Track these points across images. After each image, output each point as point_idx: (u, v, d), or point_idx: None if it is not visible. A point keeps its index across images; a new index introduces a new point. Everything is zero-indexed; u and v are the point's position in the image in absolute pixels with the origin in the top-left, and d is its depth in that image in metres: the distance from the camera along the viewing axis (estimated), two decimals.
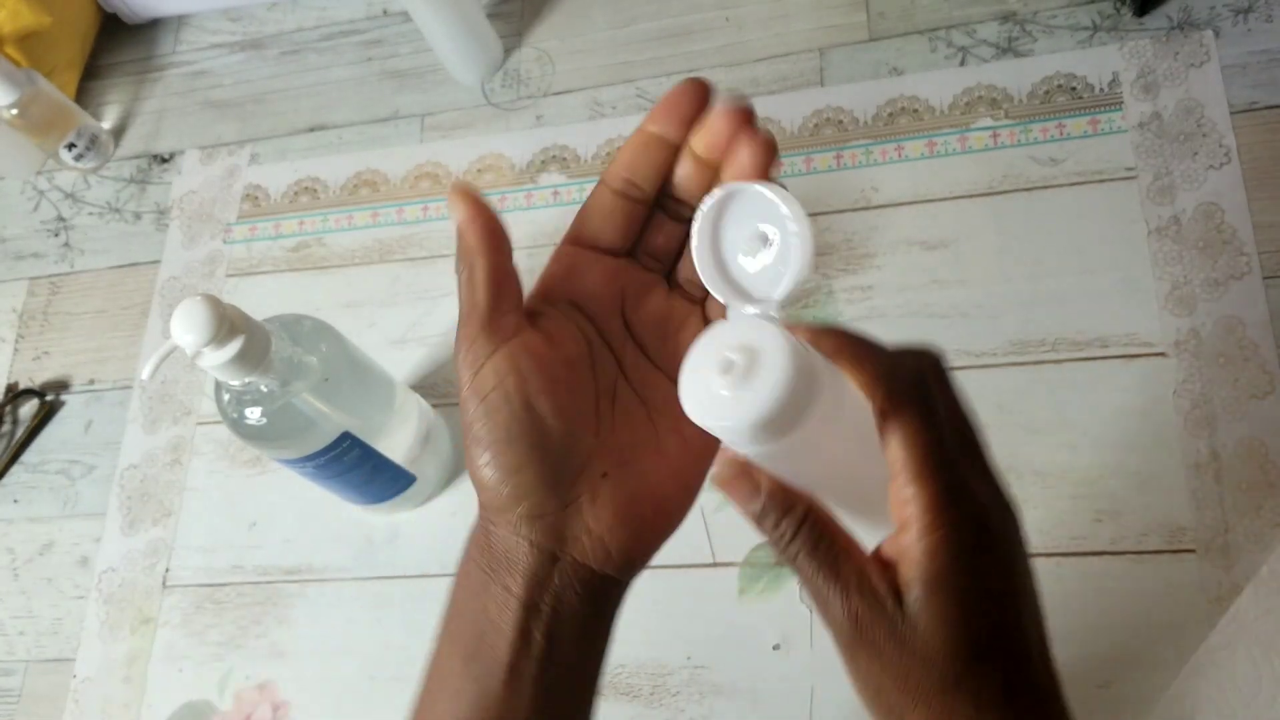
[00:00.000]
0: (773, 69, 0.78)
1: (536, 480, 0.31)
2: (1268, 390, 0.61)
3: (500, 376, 0.31)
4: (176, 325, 0.52)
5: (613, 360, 0.33)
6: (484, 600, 0.32)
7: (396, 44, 0.88)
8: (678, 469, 0.33)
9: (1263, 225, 0.64)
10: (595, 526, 0.31)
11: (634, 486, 0.32)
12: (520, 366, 0.31)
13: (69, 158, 0.88)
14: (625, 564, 0.32)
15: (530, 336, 0.31)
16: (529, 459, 0.31)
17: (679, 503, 0.33)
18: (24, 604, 0.76)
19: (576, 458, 0.31)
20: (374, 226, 0.81)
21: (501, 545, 0.32)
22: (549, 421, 0.31)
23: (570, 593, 0.31)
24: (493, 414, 0.31)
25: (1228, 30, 0.70)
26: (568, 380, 0.31)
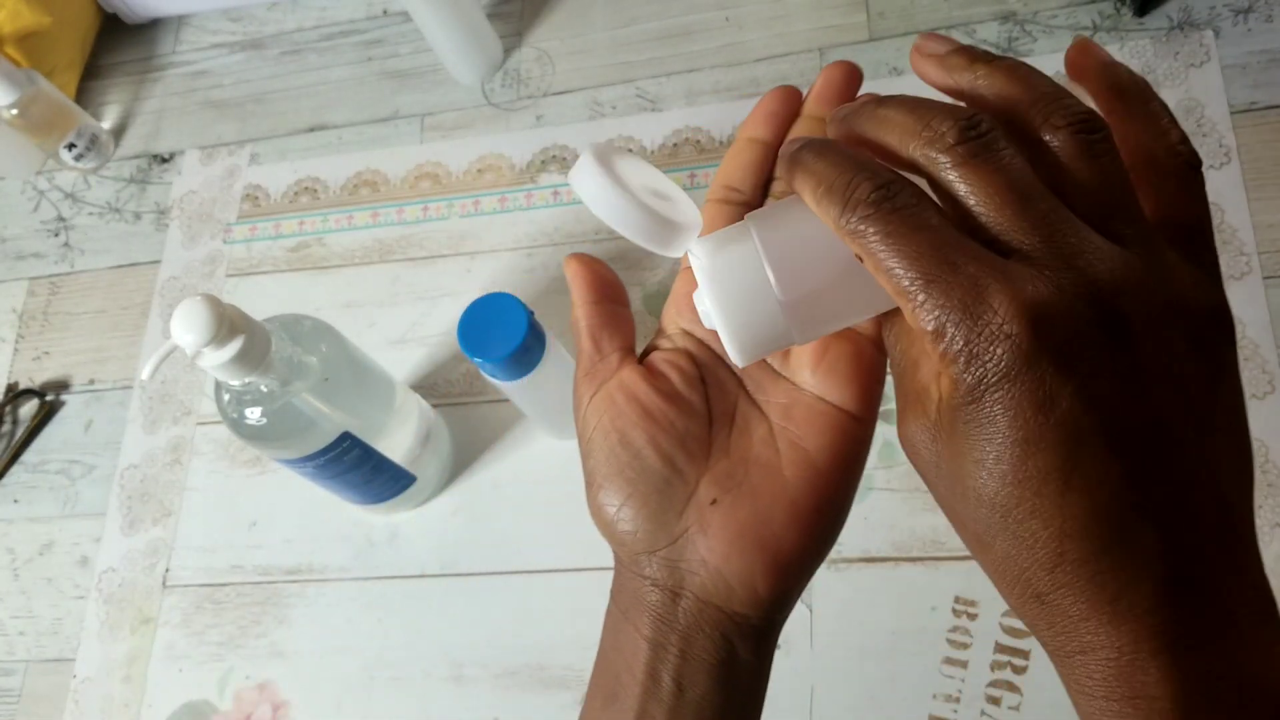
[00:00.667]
0: (773, 69, 0.78)
1: (640, 513, 0.31)
2: (1267, 390, 0.61)
3: (598, 417, 0.32)
4: (176, 325, 0.52)
5: (734, 380, 0.33)
6: (619, 641, 0.31)
7: (396, 44, 0.88)
8: (801, 488, 0.31)
9: (1262, 225, 0.64)
10: (710, 558, 0.30)
11: (748, 511, 0.30)
12: (615, 404, 0.31)
13: (69, 158, 0.88)
14: (754, 599, 0.30)
15: (628, 374, 0.32)
16: (630, 494, 0.31)
17: (809, 527, 0.31)
18: (24, 604, 0.76)
19: (680, 488, 0.31)
20: (374, 226, 0.81)
21: (630, 585, 0.31)
22: (645, 454, 0.31)
23: (699, 634, 0.30)
24: (593, 453, 0.31)
25: (1228, 30, 0.70)
26: (667, 411, 0.31)
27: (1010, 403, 0.22)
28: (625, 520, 0.31)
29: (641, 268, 0.74)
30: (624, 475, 0.31)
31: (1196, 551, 0.23)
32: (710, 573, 0.30)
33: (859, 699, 0.60)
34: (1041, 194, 0.24)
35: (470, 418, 0.73)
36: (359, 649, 0.68)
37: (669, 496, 0.31)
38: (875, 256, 0.24)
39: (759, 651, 0.31)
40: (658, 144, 0.78)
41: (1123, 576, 0.23)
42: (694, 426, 0.31)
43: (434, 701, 0.66)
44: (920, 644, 0.60)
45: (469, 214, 0.79)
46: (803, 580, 0.31)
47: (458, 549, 0.69)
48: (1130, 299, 0.23)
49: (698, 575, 0.30)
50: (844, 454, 0.31)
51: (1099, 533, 0.23)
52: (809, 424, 0.31)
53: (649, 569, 0.31)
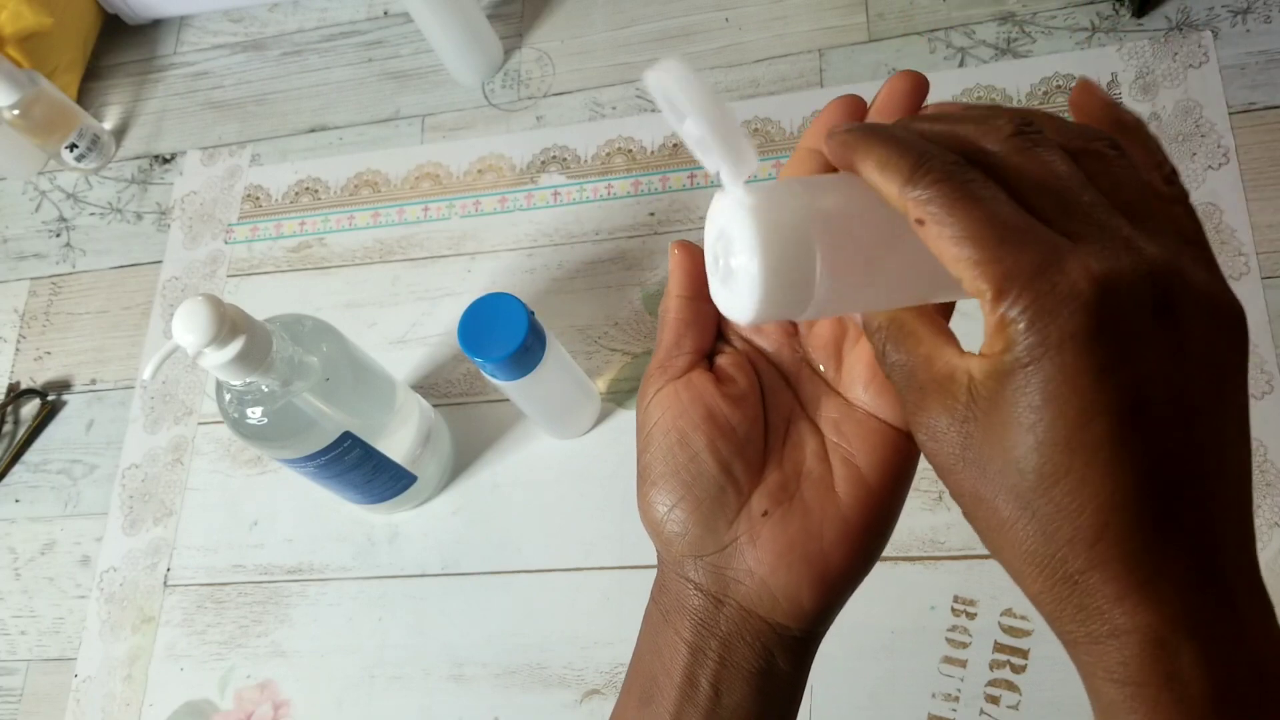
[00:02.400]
0: (772, 70, 0.78)
1: (691, 517, 0.30)
2: (1266, 390, 0.61)
3: (661, 412, 0.31)
4: (178, 325, 0.52)
5: (789, 393, 0.32)
6: (658, 643, 0.31)
7: (397, 45, 0.88)
8: (852, 505, 0.31)
9: (1261, 226, 0.64)
10: (757, 569, 0.30)
11: (798, 525, 0.30)
12: (680, 402, 0.31)
13: (70, 158, 0.89)
14: (797, 612, 0.30)
15: (697, 375, 0.31)
16: (683, 495, 0.30)
17: (857, 543, 0.31)
18: (25, 603, 0.76)
19: (734, 495, 0.30)
20: (375, 227, 0.81)
21: (673, 587, 0.31)
22: (702, 457, 0.30)
23: (739, 642, 0.30)
24: (651, 448, 0.31)
25: (1226, 31, 0.70)
26: (730, 417, 0.31)
27: (1071, 366, 0.22)
28: (675, 522, 0.31)
29: (642, 268, 0.74)
30: (679, 476, 0.30)
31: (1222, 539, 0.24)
32: (756, 583, 0.30)
33: (858, 698, 0.60)
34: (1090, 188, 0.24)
35: (470, 418, 0.73)
36: (360, 648, 0.68)
37: (722, 503, 0.30)
38: (940, 221, 0.23)
39: (797, 663, 0.31)
40: (658, 144, 0.78)
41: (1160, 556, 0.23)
42: (753, 435, 0.31)
43: (434, 701, 0.66)
44: (919, 643, 0.60)
45: (469, 214, 0.79)
46: (846, 595, 0.31)
47: (458, 549, 0.70)
48: (1180, 286, 0.24)
49: (743, 584, 0.30)
50: (895, 471, 0.31)
51: (1145, 508, 0.23)
52: (861, 440, 0.31)
53: (694, 573, 0.31)
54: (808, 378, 0.32)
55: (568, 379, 0.65)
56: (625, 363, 0.72)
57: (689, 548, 0.31)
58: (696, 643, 0.30)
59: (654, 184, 0.76)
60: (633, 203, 0.76)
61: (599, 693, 0.63)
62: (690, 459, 0.30)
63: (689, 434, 0.30)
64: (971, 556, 0.61)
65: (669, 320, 0.32)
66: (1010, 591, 0.59)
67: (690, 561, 0.31)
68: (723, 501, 0.30)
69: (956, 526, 0.62)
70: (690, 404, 0.31)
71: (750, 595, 0.30)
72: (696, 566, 0.31)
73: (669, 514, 0.30)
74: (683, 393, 0.31)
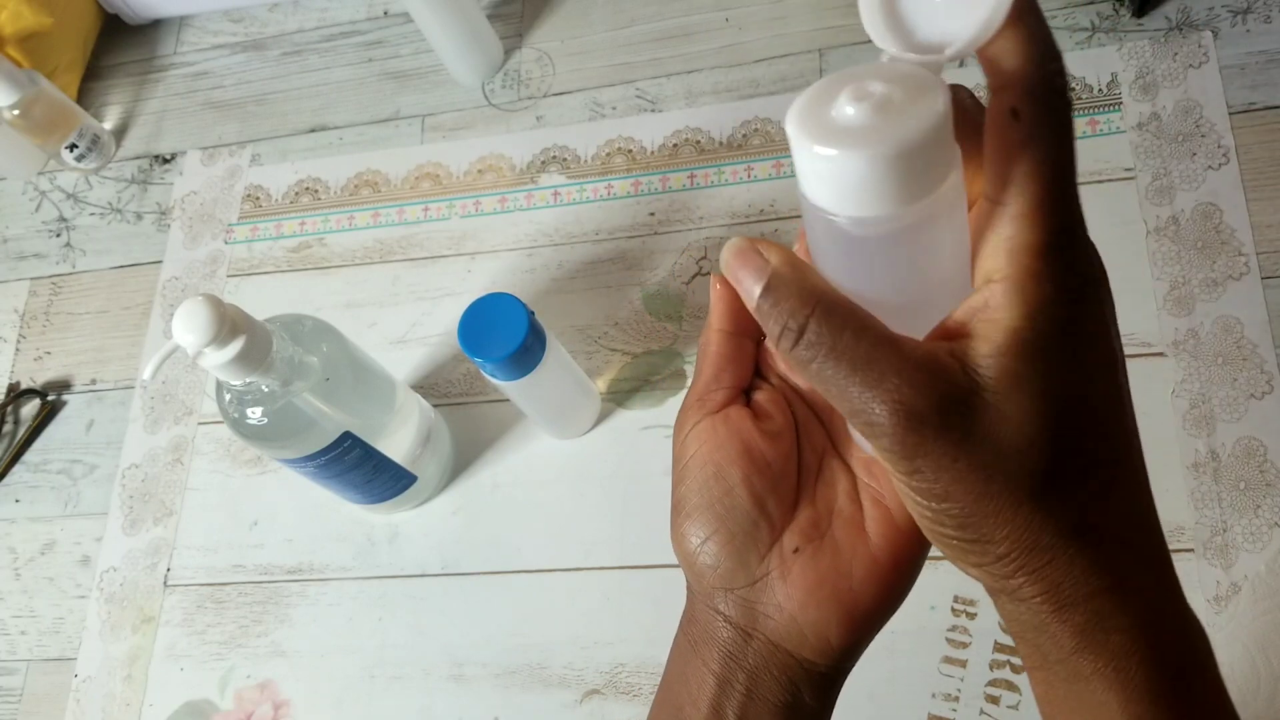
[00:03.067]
0: (772, 69, 0.78)
1: (723, 550, 0.31)
2: (1266, 390, 0.61)
3: (698, 445, 0.31)
4: (178, 325, 0.52)
5: (822, 433, 0.33)
6: (685, 671, 0.32)
7: (397, 45, 0.88)
8: (881, 545, 0.31)
9: (1261, 225, 0.64)
10: (786, 604, 0.30)
11: (828, 563, 0.31)
12: (717, 436, 0.31)
13: (70, 158, 0.89)
14: (825, 648, 0.31)
15: (735, 411, 0.32)
16: (717, 529, 0.31)
17: (885, 583, 0.31)
18: (25, 603, 0.76)
19: (767, 530, 0.31)
20: (375, 227, 0.81)
21: (702, 617, 0.32)
22: (737, 491, 0.31)
23: (767, 676, 0.31)
24: (687, 480, 0.31)
25: (1226, 31, 0.70)
26: (766, 453, 0.31)
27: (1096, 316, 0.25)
28: (708, 554, 0.31)
29: (642, 268, 0.74)
30: (714, 509, 0.31)
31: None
32: (785, 618, 0.30)
33: (858, 698, 0.60)
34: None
35: (470, 418, 0.73)
36: (360, 648, 0.68)
37: (755, 538, 0.31)
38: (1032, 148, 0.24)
39: (823, 699, 0.32)
40: (657, 145, 0.78)
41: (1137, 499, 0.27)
42: (788, 472, 0.31)
43: (434, 701, 0.66)
44: (919, 643, 0.60)
45: (469, 214, 0.79)
46: (873, 633, 0.32)
47: (458, 549, 0.70)
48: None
49: (772, 619, 0.30)
50: None
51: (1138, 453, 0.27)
52: (890, 481, 0.31)
53: (724, 606, 0.31)
54: (841, 417, 0.33)
55: (568, 379, 0.65)
56: (625, 363, 0.72)
57: (720, 580, 0.31)
58: (724, 674, 0.31)
59: (654, 184, 0.76)
60: (633, 203, 0.76)
61: (599, 693, 0.63)
62: (725, 493, 0.31)
63: (725, 468, 0.31)
64: None
65: (709, 354, 0.32)
66: None
67: (721, 594, 0.31)
68: (755, 536, 0.31)
69: None
70: (728, 438, 0.31)
71: (779, 630, 0.30)
72: (727, 599, 0.31)
73: (702, 546, 0.31)
74: (720, 427, 0.31)
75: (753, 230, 0.73)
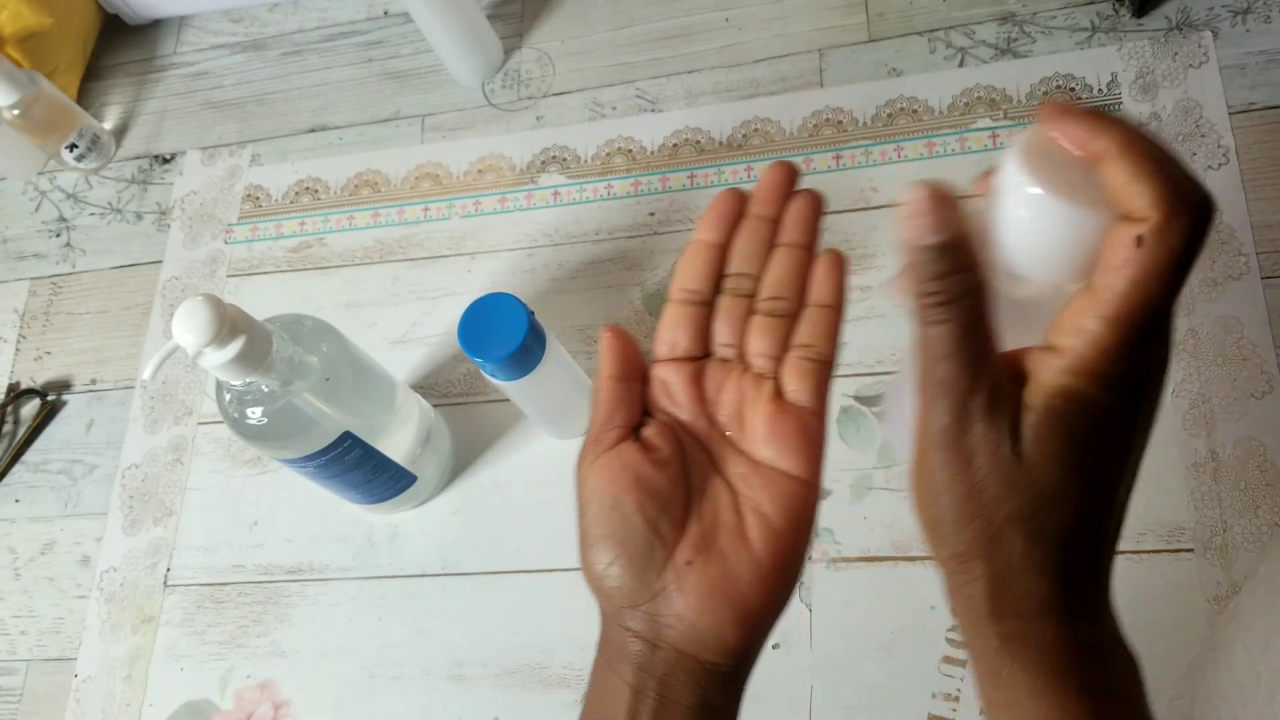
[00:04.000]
0: (772, 70, 0.78)
1: (626, 572, 0.34)
2: (1266, 390, 0.61)
3: (595, 481, 0.35)
4: (178, 325, 0.52)
5: (705, 456, 0.37)
6: (604, 688, 0.35)
7: (397, 45, 0.88)
8: (762, 550, 0.35)
9: (1261, 225, 0.64)
10: (686, 613, 0.34)
11: (717, 571, 0.34)
12: (610, 471, 0.35)
13: (70, 158, 0.89)
14: (723, 649, 0.34)
15: (626, 446, 0.36)
16: (618, 553, 0.34)
17: (770, 583, 0.34)
18: (25, 603, 0.76)
19: (662, 550, 0.34)
20: (375, 227, 0.81)
21: (614, 636, 0.35)
22: (633, 518, 0.34)
23: (675, 681, 0.33)
24: (588, 513, 0.35)
25: (1226, 31, 0.70)
26: (655, 480, 0.35)
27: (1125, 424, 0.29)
28: (612, 577, 0.34)
29: (642, 268, 0.74)
30: (614, 536, 0.34)
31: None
32: (685, 626, 0.34)
33: (858, 698, 0.60)
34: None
35: (470, 418, 0.73)
36: (359, 648, 0.68)
37: (651, 558, 0.34)
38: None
39: (729, 695, 0.35)
40: (657, 145, 0.78)
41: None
42: (677, 495, 0.35)
43: (434, 701, 0.66)
44: (920, 643, 0.60)
45: (469, 214, 0.79)
46: (766, 631, 0.35)
47: (458, 549, 0.70)
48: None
49: (674, 628, 0.34)
50: (797, 515, 0.35)
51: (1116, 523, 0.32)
52: (766, 491, 0.35)
53: (631, 622, 0.34)
54: (719, 440, 0.37)
55: (568, 379, 0.65)
56: None
57: (626, 599, 0.34)
58: (637, 685, 0.34)
59: (654, 184, 0.76)
60: (633, 203, 0.76)
61: None
62: (623, 520, 0.34)
63: (620, 498, 0.34)
64: None
65: (601, 399, 0.37)
66: None
67: (628, 612, 0.34)
68: (652, 556, 0.34)
69: None
70: (621, 472, 0.35)
71: (681, 638, 0.34)
72: (633, 616, 0.34)
73: (606, 570, 0.34)
74: (614, 462, 0.35)
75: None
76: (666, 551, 0.34)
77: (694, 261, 0.38)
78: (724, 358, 0.38)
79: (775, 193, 0.38)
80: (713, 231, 0.38)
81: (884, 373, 0.66)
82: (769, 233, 0.38)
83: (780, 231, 0.38)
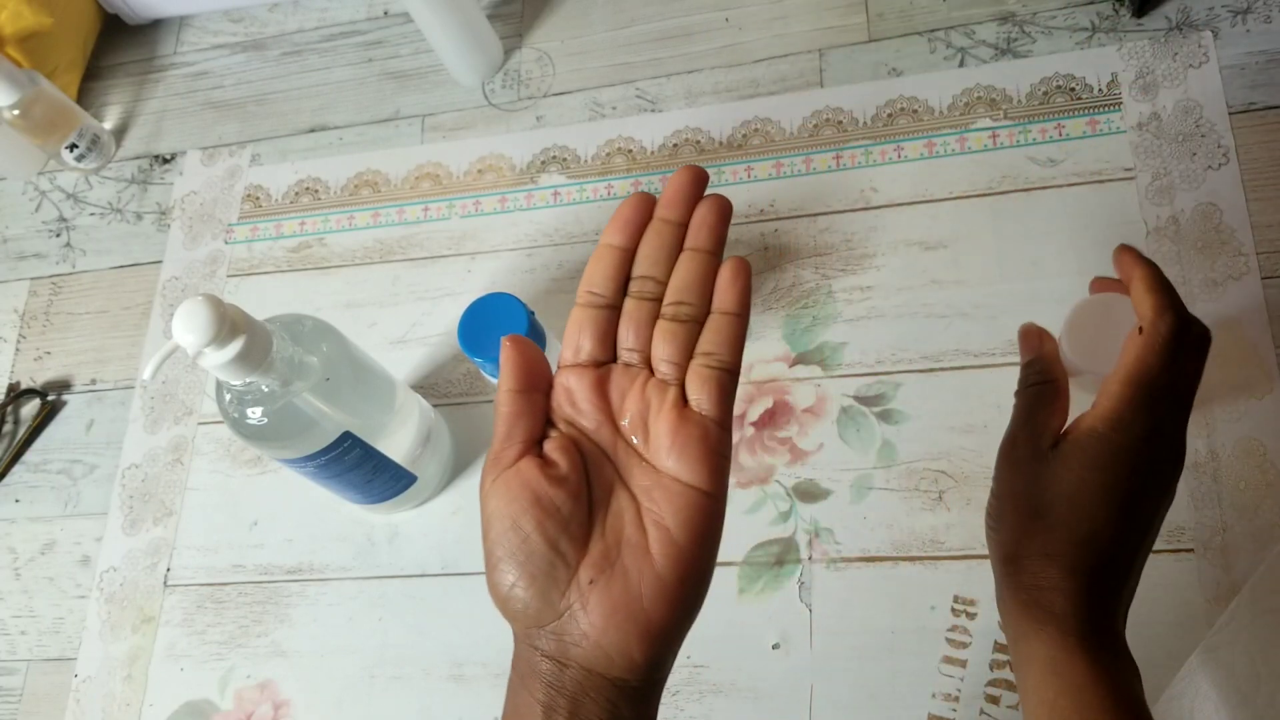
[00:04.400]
0: (772, 70, 0.78)
1: (529, 592, 0.34)
2: (1266, 390, 0.61)
3: (495, 501, 0.35)
4: (178, 325, 0.52)
5: (609, 466, 0.36)
6: (517, 704, 0.35)
7: (397, 45, 0.88)
8: (666, 564, 0.34)
9: (1261, 225, 0.64)
10: (590, 632, 0.33)
11: (620, 589, 0.34)
12: (510, 490, 0.34)
13: (70, 158, 0.89)
14: (630, 666, 0.34)
15: (525, 463, 0.35)
16: (521, 574, 0.34)
17: (673, 599, 0.34)
18: (25, 603, 0.76)
19: (564, 569, 0.34)
20: (375, 227, 0.81)
21: (524, 655, 0.35)
22: (533, 539, 0.34)
23: (586, 699, 0.33)
24: (490, 534, 0.35)
25: (1226, 31, 0.70)
26: (554, 499, 0.34)
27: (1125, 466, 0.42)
28: (517, 599, 0.34)
29: None
30: (515, 557, 0.34)
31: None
32: (591, 645, 0.33)
33: (858, 698, 0.60)
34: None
35: (470, 418, 0.73)
36: (360, 648, 0.68)
37: (554, 577, 0.34)
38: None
39: (640, 710, 0.35)
40: (657, 145, 0.78)
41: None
42: (577, 513, 0.35)
43: (434, 701, 0.66)
44: (919, 643, 0.60)
45: (469, 214, 0.79)
46: (674, 645, 0.35)
47: (458, 549, 0.70)
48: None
49: (579, 647, 0.33)
50: (700, 529, 0.35)
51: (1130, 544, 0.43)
52: (668, 503, 0.35)
53: (540, 641, 0.34)
54: (623, 450, 0.36)
55: None
56: None
57: (532, 619, 0.34)
58: (548, 703, 0.33)
59: (654, 184, 0.76)
60: None
61: None
62: (523, 541, 0.34)
63: (519, 519, 0.34)
64: (971, 556, 0.61)
65: (501, 414, 0.36)
66: None
67: (535, 632, 0.34)
68: (554, 576, 0.34)
69: (956, 527, 0.62)
70: (520, 491, 0.34)
71: (587, 656, 0.33)
72: (541, 636, 0.34)
73: (510, 591, 0.34)
74: (513, 481, 0.35)
75: (752, 229, 0.73)
76: (569, 571, 0.34)
77: (600, 264, 0.37)
78: (628, 363, 0.37)
79: (682, 197, 0.37)
80: (620, 236, 0.37)
81: (884, 373, 0.67)
82: (676, 237, 0.37)
83: (687, 236, 0.37)
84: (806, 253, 0.71)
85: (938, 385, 0.65)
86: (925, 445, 0.64)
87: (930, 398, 0.65)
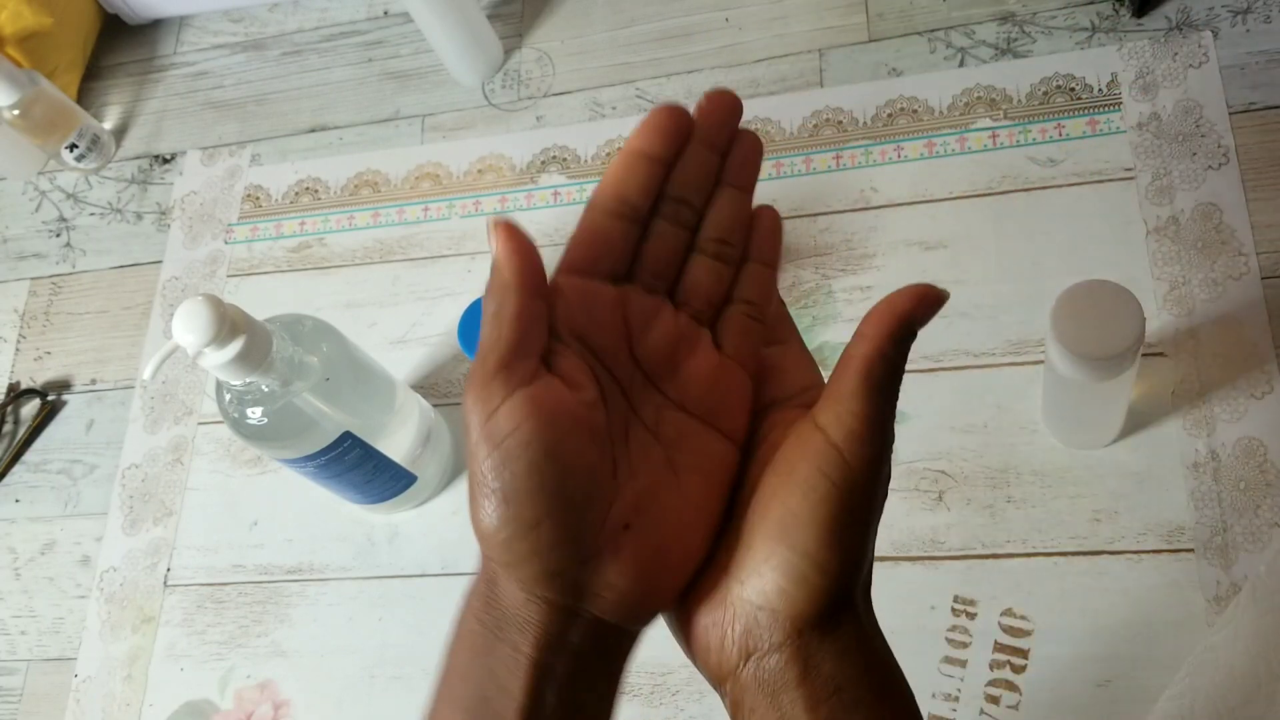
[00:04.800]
0: (772, 70, 0.78)
1: (557, 536, 0.28)
2: (1266, 390, 0.61)
3: (517, 421, 0.28)
4: (178, 325, 0.52)
5: (623, 399, 0.31)
6: (489, 661, 0.29)
7: (397, 45, 0.88)
8: (700, 511, 0.31)
9: (1261, 225, 0.64)
10: (618, 581, 0.29)
11: (657, 536, 0.30)
12: (541, 411, 0.28)
13: (70, 158, 0.89)
14: (649, 617, 0.31)
15: (549, 380, 0.29)
16: (549, 512, 0.28)
17: (703, 547, 0.31)
18: (26, 603, 0.76)
19: (598, 510, 0.29)
20: (375, 227, 0.81)
21: (510, 602, 0.29)
22: (572, 471, 0.28)
23: (592, 653, 0.30)
24: (509, 462, 0.28)
25: (1226, 31, 0.70)
26: (588, 425, 0.29)
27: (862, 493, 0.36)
28: (537, 540, 0.28)
29: None
30: (546, 491, 0.28)
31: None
32: (615, 595, 0.29)
33: None
34: None
35: None
36: (360, 648, 0.68)
37: (587, 518, 0.29)
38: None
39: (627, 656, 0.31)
40: None
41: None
42: (606, 444, 0.30)
43: None
44: (919, 643, 0.60)
45: (469, 214, 0.79)
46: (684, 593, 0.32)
47: (458, 548, 0.70)
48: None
49: (601, 596, 0.29)
50: (724, 481, 0.31)
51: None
52: (696, 451, 0.31)
53: (544, 589, 0.29)
54: (642, 386, 0.31)
55: None
56: None
57: (550, 565, 0.28)
58: (541, 658, 0.28)
59: None
60: None
61: None
62: (558, 472, 0.28)
63: (559, 445, 0.28)
64: (971, 556, 0.61)
65: (508, 316, 0.28)
66: (1010, 591, 0.60)
67: (546, 578, 0.29)
68: (589, 517, 0.29)
69: (956, 527, 0.62)
70: (554, 415, 0.28)
71: (609, 606, 0.29)
72: (552, 583, 0.29)
73: (532, 532, 0.28)
74: (542, 400, 0.28)
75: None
76: (604, 511, 0.29)
77: (631, 173, 0.31)
78: (650, 290, 0.32)
79: (722, 124, 0.33)
80: (655, 143, 0.31)
81: None
82: (714, 166, 0.32)
83: (726, 170, 0.33)
84: (806, 253, 0.71)
85: (938, 385, 0.65)
86: (925, 445, 0.64)
87: (930, 398, 0.65)
